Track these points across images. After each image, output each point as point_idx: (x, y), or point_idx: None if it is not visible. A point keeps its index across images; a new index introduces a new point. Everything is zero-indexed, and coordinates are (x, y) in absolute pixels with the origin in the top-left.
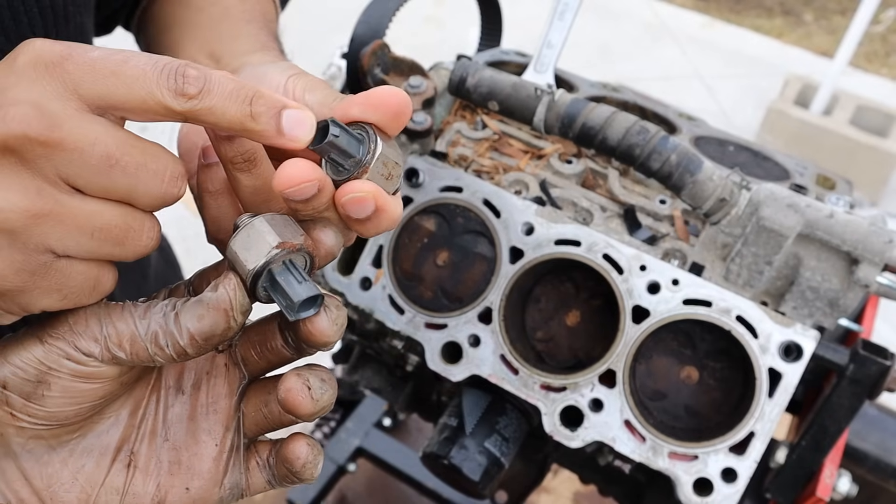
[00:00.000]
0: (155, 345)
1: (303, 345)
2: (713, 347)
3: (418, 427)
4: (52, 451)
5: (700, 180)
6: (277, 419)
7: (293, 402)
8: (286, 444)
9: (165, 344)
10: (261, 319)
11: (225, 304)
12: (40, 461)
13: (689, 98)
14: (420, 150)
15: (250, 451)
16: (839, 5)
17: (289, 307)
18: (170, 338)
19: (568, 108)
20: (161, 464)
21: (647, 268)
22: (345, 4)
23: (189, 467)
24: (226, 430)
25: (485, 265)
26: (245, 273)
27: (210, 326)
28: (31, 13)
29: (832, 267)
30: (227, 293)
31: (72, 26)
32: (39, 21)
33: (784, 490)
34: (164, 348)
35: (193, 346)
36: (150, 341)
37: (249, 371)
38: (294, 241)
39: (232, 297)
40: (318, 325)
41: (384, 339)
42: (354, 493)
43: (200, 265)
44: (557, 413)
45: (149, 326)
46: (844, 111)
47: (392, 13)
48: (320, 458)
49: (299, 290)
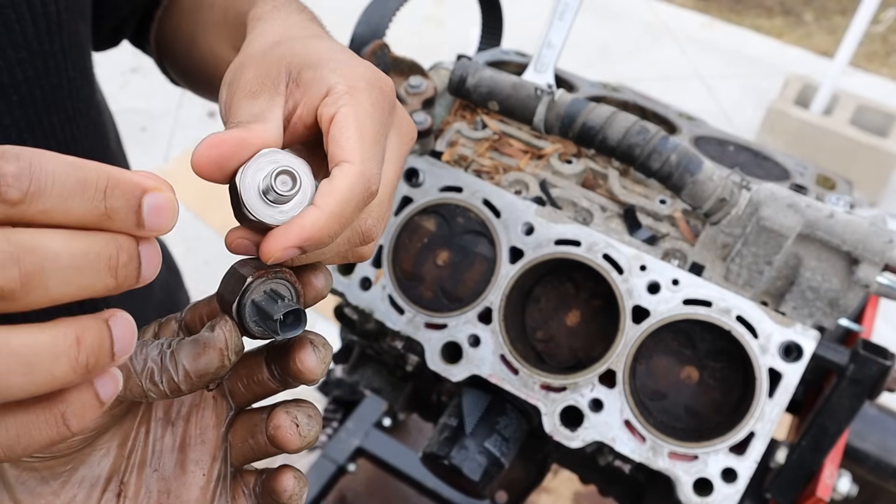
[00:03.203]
0: (150, 381)
1: (289, 379)
2: (713, 347)
3: (418, 427)
4: (45, 482)
5: (700, 180)
6: (264, 450)
7: (282, 438)
8: (274, 476)
9: (160, 380)
10: (248, 352)
11: (220, 344)
12: (34, 493)
13: (689, 98)
14: (420, 150)
15: (237, 480)
16: (839, 5)
17: (272, 327)
18: (165, 374)
19: (568, 108)
20: (150, 493)
21: (647, 268)
22: (344, 4)
23: (178, 496)
24: (213, 459)
25: (485, 265)
26: (232, 310)
27: (205, 365)
28: (24, 20)
29: (832, 267)
30: (224, 333)
31: (66, 34)
32: (32, 28)
33: (784, 490)
34: (158, 384)
35: (187, 383)
36: (145, 378)
37: (236, 402)
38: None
39: (228, 337)
40: (307, 362)
41: (384, 339)
42: (354, 493)
43: (201, 265)
44: (557, 413)
45: (145, 363)
46: (844, 111)
47: (392, 13)
48: (305, 490)
49: (279, 307)
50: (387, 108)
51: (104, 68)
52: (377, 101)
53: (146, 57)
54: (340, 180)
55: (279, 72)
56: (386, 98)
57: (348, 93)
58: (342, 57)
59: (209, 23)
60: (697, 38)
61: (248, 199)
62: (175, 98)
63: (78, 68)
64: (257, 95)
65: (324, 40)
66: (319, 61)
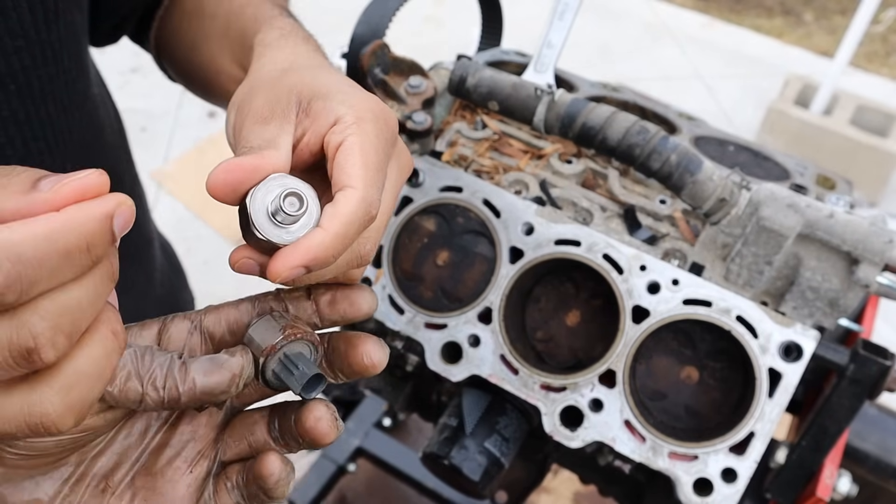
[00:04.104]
0: (152, 386)
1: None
2: (713, 347)
3: (418, 427)
4: (31, 478)
5: (700, 180)
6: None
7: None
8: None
9: (162, 386)
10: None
11: (236, 370)
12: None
13: (689, 98)
14: (420, 150)
15: (219, 476)
16: (839, 5)
17: (292, 387)
18: (170, 381)
19: (568, 108)
20: (137, 490)
21: (647, 268)
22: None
23: (163, 493)
24: (202, 457)
25: (485, 265)
26: (259, 352)
27: (216, 384)
28: (20, 8)
29: (832, 267)
30: (242, 361)
31: (62, 23)
32: (29, 17)
33: (784, 490)
34: (159, 390)
35: (189, 396)
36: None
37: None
38: (303, 329)
39: (245, 364)
40: (320, 428)
41: (384, 339)
42: (354, 492)
43: (201, 264)
44: (557, 413)
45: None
46: (844, 111)
47: (392, 13)
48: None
49: (306, 369)
50: (390, 140)
51: (104, 68)
52: (381, 133)
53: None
54: (344, 204)
55: (289, 100)
56: (390, 130)
57: (356, 123)
58: (350, 90)
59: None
60: (697, 38)
61: (258, 219)
62: (175, 98)
63: (74, 59)
64: (268, 122)
65: (332, 72)
66: (329, 92)
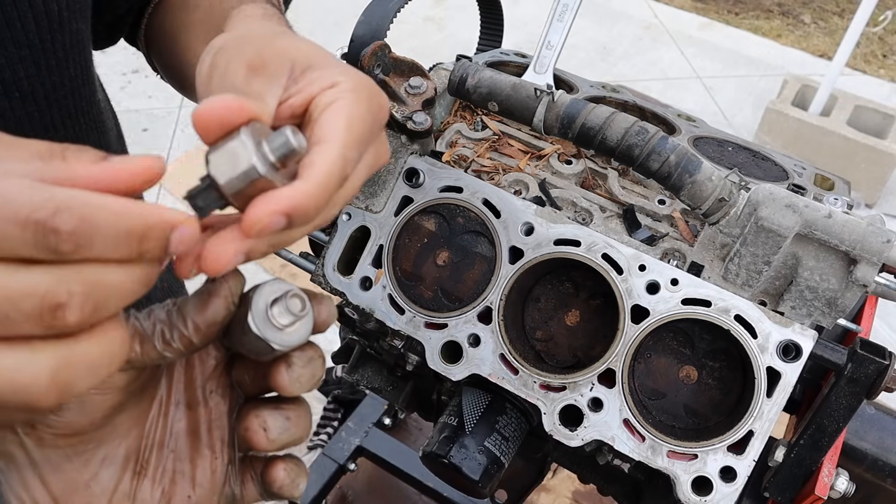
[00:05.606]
0: (163, 342)
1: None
2: (712, 347)
3: (418, 426)
4: (69, 460)
5: (699, 180)
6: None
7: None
8: (266, 467)
9: (172, 338)
10: None
11: (225, 292)
12: (58, 469)
13: (688, 98)
14: (420, 151)
15: (245, 465)
16: (837, 7)
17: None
18: (175, 331)
19: (567, 109)
20: (166, 472)
21: (646, 268)
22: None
23: (192, 477)
24: (224, 444)
25: (485, 265)
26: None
27: (213, 314)
28: (25, 18)
29: (830, 267)
30: (227, 282)
31: (67, 32)
32: (33, 26)
33: (783, 489)
34: (171, 343)
35: (198, 335)
36: (158, 339)
37: (245, 392)
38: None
39: (231, 284)
40: (280, 381)
41: (384, 339)
42: (354, 492)
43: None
44: (557, 412)
45: (154, 325)
46: (842, 112)
47: (393, 14)
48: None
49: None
50: (377, 121)
51: (105, 69)
52: (372, 110)
53: None
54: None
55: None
56: (381, 111)
57: (352, 91)
58: (348, 67)
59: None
60: (696, 39)
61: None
62: (176, 98)
63: (79, 67)
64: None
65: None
66: (326, 64)
